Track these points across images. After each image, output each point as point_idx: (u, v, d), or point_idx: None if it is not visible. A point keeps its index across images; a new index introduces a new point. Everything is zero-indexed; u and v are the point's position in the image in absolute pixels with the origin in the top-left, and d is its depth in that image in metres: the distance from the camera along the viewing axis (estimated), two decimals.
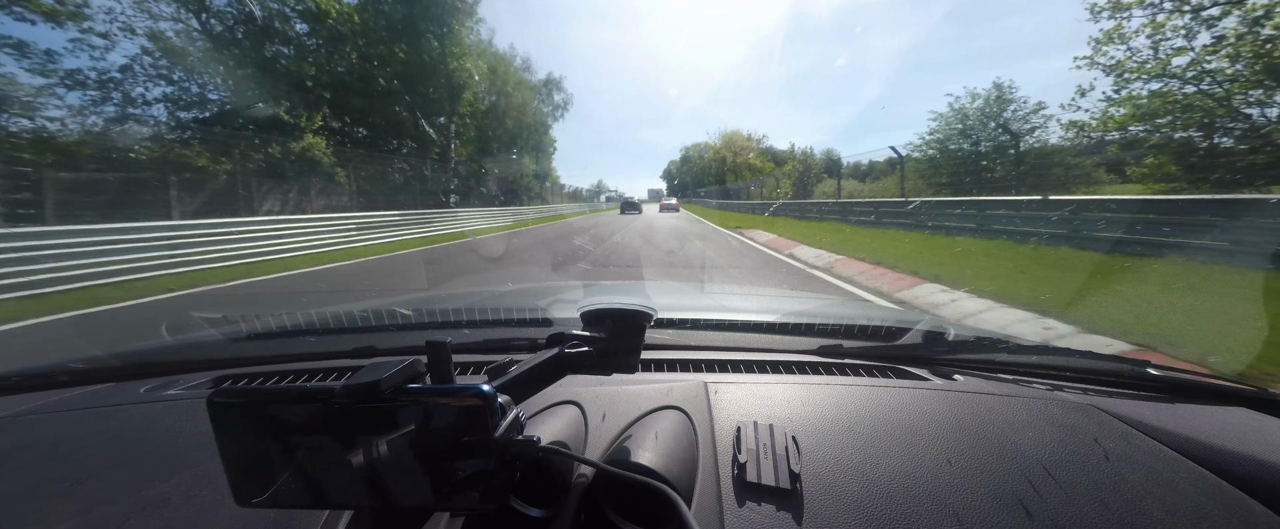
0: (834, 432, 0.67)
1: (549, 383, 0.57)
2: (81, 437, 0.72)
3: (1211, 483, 0.58)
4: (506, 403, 0.42)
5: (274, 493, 0.40)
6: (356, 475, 0.39)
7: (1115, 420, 0.71)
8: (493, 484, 0.39)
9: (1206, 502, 0.55)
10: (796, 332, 1.09)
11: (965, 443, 0.64)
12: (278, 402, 0.40)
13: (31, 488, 0.60)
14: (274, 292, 6.46)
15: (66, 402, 0.86)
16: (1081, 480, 0.57)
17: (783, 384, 0.83)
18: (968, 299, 4.71)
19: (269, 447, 0.40)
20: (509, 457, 0.40)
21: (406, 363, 0.41)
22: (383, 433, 0.39)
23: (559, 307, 1.30)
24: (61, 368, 0.99)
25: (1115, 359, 0.92)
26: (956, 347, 1.01)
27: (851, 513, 0.52)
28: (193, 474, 0.60)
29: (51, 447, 0.70)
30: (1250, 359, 2.83)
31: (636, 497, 0.53)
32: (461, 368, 0.92)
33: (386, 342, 1.10)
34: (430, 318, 1.24)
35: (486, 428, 0.39)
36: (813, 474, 0.58)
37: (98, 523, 0.53)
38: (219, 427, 0.40)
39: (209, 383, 0.92)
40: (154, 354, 1.07)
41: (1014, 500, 0.54)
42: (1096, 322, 3.69)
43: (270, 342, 1.14)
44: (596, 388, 0.78)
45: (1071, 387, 0.86)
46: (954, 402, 0.76)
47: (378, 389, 0.38)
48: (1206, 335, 3.24)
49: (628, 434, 0.64)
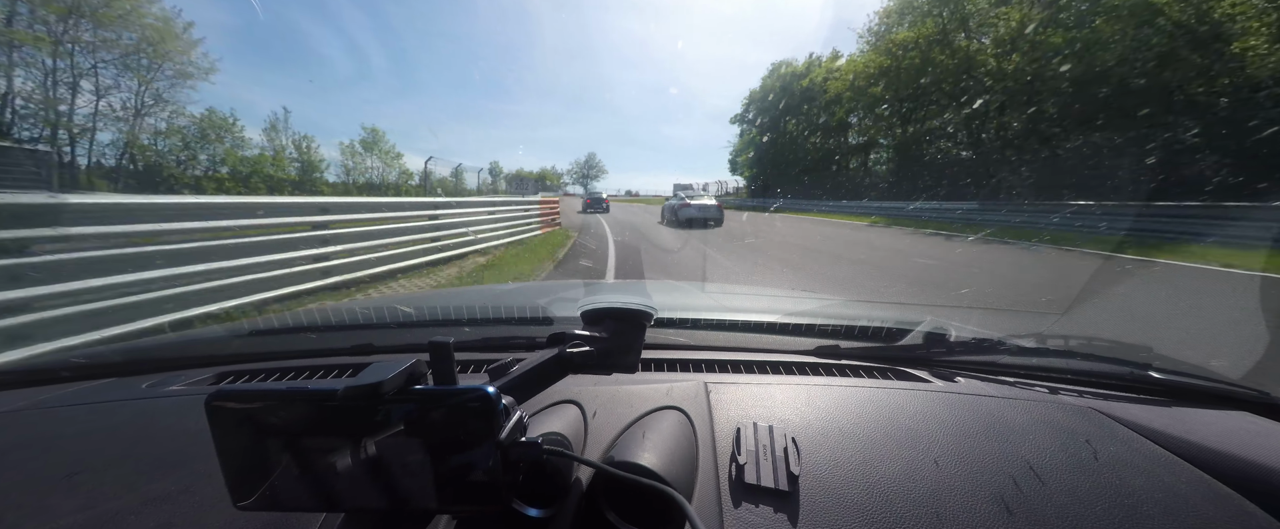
0: (834, 433, 0.66)
1: (550, 383, 0.57)
2: (83, 432, 0.72)
3: (1212, 487, 0.58)
4: (510, 404, 0.42)
5: (274, 495, 0.40)
6: (358, 477, 0.39)
7: (1116, 424, 0.71)
8: (496, 486, 0.39)
9: (1207, 506, 0.55)
10: (797, 332, 1.09)
11: (966, 445, 0.64)
12: (278, 402, 0.39)
13: (33, 483, 0.60)
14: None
15: (68, 397, 0.86)
16: (1082, 484, 0.57)
17: (783, 385, 0.83)
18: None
19: (269, 448, 0.39)
20: (513, 458, 0.40)
21: (409, 363, 0.41)
22: (384, 433, 0.39)
23: (559, 305, 1.30)
24: (63, 363, 0.99)
25: (1117, 362, 0.92)
26: (957, 348, 1.01)
27: (851, 515, 0.52)
28: (194, 470, 0.60)
29: (53, 442, 0.70)
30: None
31: (636, 498, 0.53)
32: (462, 366, 0.92)
33: (387, 339, 1.10)
34: (431, 316, 1.24)
35: (491, 430, 0.39)
36: (812, 476, 0.58)
37: (99, 518, 0.53)
38: (217, 428, 0.39)
39: (211, 379, 0.92)
40: (156, 349, 1.08)
41: (1013, 503, 0.54)
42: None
43: (272, 338, 1.14)
44: (596, 387, 0.78)
45: (1073, 389, 0.85)
46: (955, 404, 0.76)
47: (380, 391, 0.38)
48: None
49: (628, 434, 0.64)
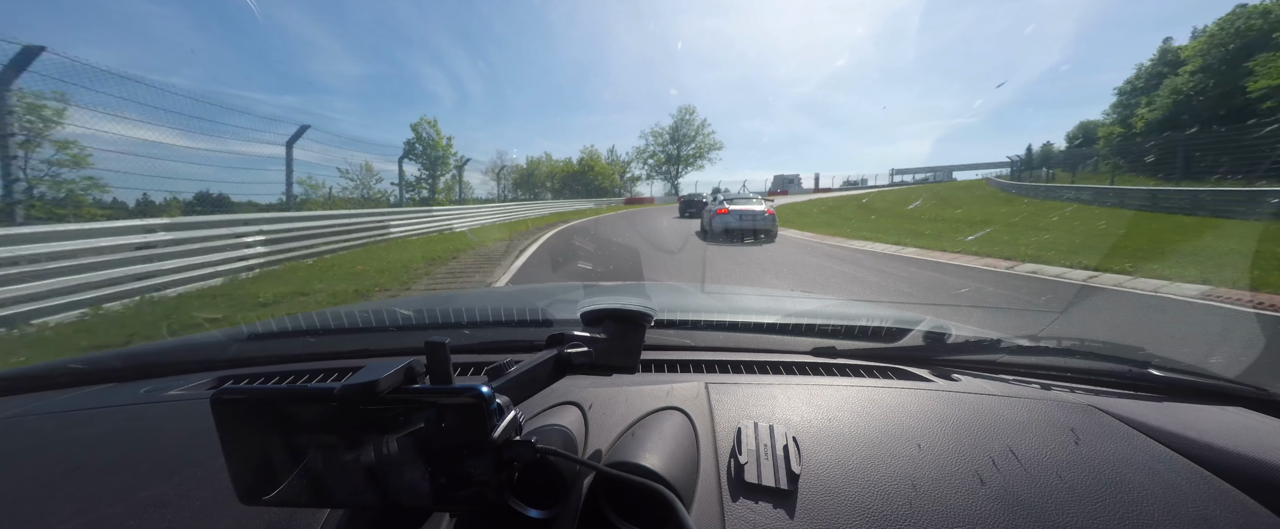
0: (834, 432, 0.66)
1: (549, 384, 0.57)
2: (81, 437, 0.72)
3: (1212, 483, 0.58)
4: (505, 403, 0.43)
5: (276, 492, 0.41)
6: (356, 475, 0.40)
7: (1115, 421, 0.71)
8: (491, 484, 0.40)
9: (1207, 502, 0.55)
10: (797, 332, 1.09)
11: (966, 443, 0.64)
12: (280, 401, 0.40)
13: (31, 489, 0.60)
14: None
15: (67, 402, 0.86)
16: (1082, 481, 0.57)
17: (783, 385, 0.83)
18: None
19: (271, 445, 0.40)
20: (507, 457, 0.41)
21: (405, 363, 0.41)
22: (381, 433, 0.39)
23: (559, 307, 1.30)
24: (62, 368, 0.99)
25: (1116, 359, 0.92)
26: (956, 347, 1.02)
27: (851, 514, 0.52)
28: (193, 475, 0.60)
29: (52, 447, 0.70)
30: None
31: (636, 498, 0.53)
32: (461, 368, 0.92)
33: (385, 342, 1.10)
34: (430, 318, 1.24)
35: (484, 428, 0.39)
36: (813, 475, 0.58)
37: (97, 523, 0.53)
38: (223, 425, 0.40)
39: (210, 383, 0.92)
40: (154, 354, 1.08)
41: (1015, 501, 0.54)
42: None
43: (270, 342, 1.14)
44: (596, 389, 0.78)
45: (1072, 387, 0.86)
46: (954, 402, 0.76)
47: (376, 389, 0.38)
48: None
49: (628, 435, 0.64)
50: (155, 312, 5.40)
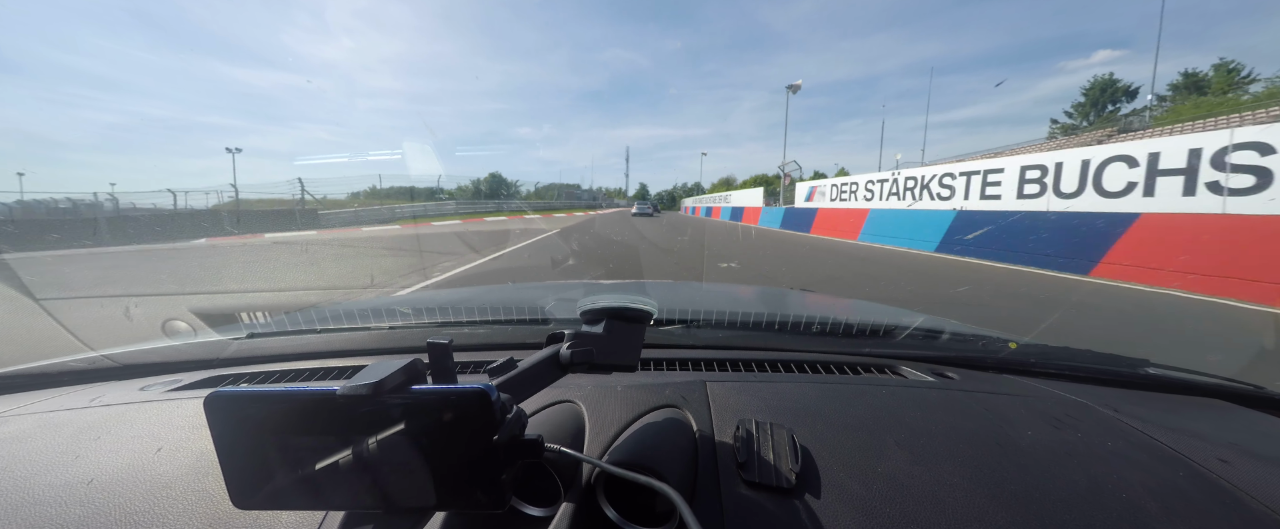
0: (833, 430, 0.67)
1: (549, 382, 0.57)
2: (81, 435, 0.72)
3: (1209, 481, 0.58)
4: (508, 402, 0.42)
5: (273, 494, 0.40)
6: (357, 476, 0.39)
7: (1114, 418, 0.72)
8: (495, 484, 0.39)
9: (1204, 499, 0.55)
10: (796, 330, 1.09)
11: (963, 441, 0.64)
12: (277, 402, 0.39)
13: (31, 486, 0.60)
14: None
15: (68, 400, 0.86)
16: (1081, 477, 0.58)
17: (782, 383, 0.83)
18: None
19: (267, 447, 0.39)
20: (511, 457, 0.40)
21: (407, 362, 0.41)
22: (383, 433, 0.39)
23: (558, 305, 1.30)
24: (59, 367, 0.99)
25: (1113, 358, 0.92)
26: (954, 345, 1.02)
27: (850, 511, 0.52)
28: (190, 473, 0.60)
29: (51, 445, 0.70)
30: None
31: (636, 496, 0.53)
32: (461, 367, 0.92)
33: (385, 340, 1.10)
34: (430, 316, 1.24)
35: (489, 428, 0.39)
36: (812, 473, 0.58)
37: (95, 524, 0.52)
38: (216, 427, 0.39)
39: (207, 382, 0.92)
40: (151, 353, 1.07)
41: (1011, 498, 0.54)
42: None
43: (268, 340, 1.14)
44: (596, 387, 0.78)
45: (1069, 384, 0.86)
46: (952, 399, 0.76)
47: (379, 389, 0.38)
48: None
49: (627, 433, 0.64)
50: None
